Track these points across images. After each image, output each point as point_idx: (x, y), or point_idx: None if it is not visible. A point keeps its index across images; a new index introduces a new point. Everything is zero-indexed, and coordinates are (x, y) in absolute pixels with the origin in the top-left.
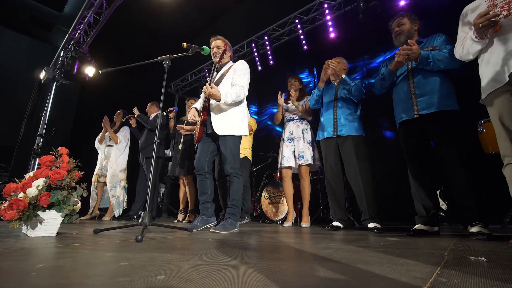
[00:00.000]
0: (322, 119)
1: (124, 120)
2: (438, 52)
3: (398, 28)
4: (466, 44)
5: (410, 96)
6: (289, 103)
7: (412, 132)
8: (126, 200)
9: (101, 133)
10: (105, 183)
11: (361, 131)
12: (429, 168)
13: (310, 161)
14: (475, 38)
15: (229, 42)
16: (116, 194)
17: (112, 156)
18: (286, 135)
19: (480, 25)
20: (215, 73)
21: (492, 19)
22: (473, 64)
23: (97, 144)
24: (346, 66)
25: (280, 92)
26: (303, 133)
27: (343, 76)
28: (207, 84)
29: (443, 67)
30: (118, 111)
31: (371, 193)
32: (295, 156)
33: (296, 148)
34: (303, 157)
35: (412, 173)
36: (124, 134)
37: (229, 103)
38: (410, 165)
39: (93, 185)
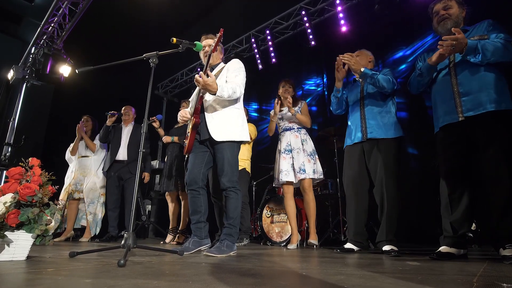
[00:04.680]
0: (349, 124)
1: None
2: (488, 41)
3: (444, 11)
4: None
5: (453, 96)
6: (282, 110)
7: (455, 139)
8: (102, 218)
9: (73, 143)
10: (80, 199)
11: (398, 131)
12: (470, 182)
13: (312, 175)
14: None
15: (220, 43)
16: (94, 211)
17: (92, 168)
18: (282, 146)
19: None
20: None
21: None
22: None
23: (68, 156)
24: (371, 59)
25: (277, 98)
26: (302, 144)
27: (362, 69)
28: (201, 72)
29: (494, 59)
30: (85, 118)
31: (395, 212)
32: (294, 169)
33: (296, 160)
34: (304, 171)
35: (448, 186)
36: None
37: (225, 97)
38: (447, 177)
39: (61, 203)
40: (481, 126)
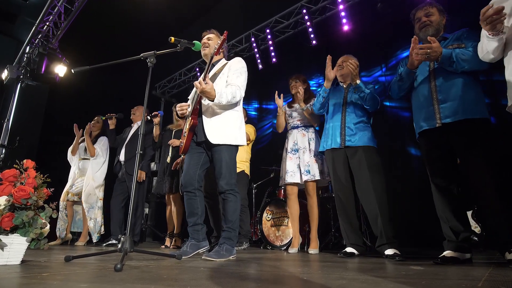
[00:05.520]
0: (327, 126)
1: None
2: (463, 50)
3: (426, 18)
4: (483, 43)
5: (432, 102)
6: (293, 107)
7: (435, 144)
8: (103, 223)
9: (74, 143)
10: (74, 202)
11: (373, 141)
12: (457, 184)
13: (318, 177)
14: (489, 35)
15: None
16: (94, 216)
17: (89, 171)
18: (289, 145)
19: (485, 22)
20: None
21: (495, 16)
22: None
23: (69, 156)
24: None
25: (276, 92)
26: (309, 143)
27: (358, 81)
28: (201, 78)
29: (469, 67)
30: (96, 118)
31: (387, 213)
32: (300, 170)
33: (301, 161)
34: (309, 172)
35: (436, 190)
36: (102, 146)
37: (223, 103)
38: (434, 182)
39: (61, 204)
40: (458, 133)
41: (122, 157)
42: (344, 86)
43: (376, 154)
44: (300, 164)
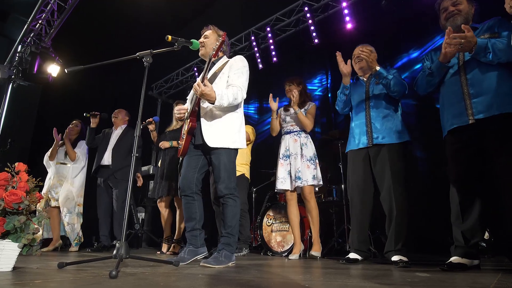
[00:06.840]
0: (352, 125)
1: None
2: (499, 40)
3: (454, 7)
4: None
5: (463, 97)
6: (288, 110)
7: (466, 143)
8: (80, 229)
9: (52, 148)
10: (59, 207)
11: (404, 135)
12: (481, 189)
13: (311, 182)
14: None
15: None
16: (71, 222)
17: (69, 175)
18: (281, 151)
19: None
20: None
21: None
22: None
23: (46, 160)
24: (376, 56)
25: (271, 95)
26: (301, 148)
27: (378, 67)
28: (199, 80)
29: (506, 59)
30: (74, 122)
31: (402, 220)
32: (291, 176)
33: (292, 167)
34: (299, 178)
35: (458, 193)
36: (81, 150)
37: (224, 105)
38: (457, 184)
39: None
40: (493, 129)
41: (107, 161)
42: (365, 79)
43: (404, 151)
44: (291, 170)
